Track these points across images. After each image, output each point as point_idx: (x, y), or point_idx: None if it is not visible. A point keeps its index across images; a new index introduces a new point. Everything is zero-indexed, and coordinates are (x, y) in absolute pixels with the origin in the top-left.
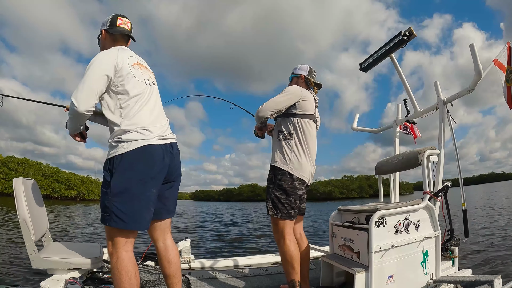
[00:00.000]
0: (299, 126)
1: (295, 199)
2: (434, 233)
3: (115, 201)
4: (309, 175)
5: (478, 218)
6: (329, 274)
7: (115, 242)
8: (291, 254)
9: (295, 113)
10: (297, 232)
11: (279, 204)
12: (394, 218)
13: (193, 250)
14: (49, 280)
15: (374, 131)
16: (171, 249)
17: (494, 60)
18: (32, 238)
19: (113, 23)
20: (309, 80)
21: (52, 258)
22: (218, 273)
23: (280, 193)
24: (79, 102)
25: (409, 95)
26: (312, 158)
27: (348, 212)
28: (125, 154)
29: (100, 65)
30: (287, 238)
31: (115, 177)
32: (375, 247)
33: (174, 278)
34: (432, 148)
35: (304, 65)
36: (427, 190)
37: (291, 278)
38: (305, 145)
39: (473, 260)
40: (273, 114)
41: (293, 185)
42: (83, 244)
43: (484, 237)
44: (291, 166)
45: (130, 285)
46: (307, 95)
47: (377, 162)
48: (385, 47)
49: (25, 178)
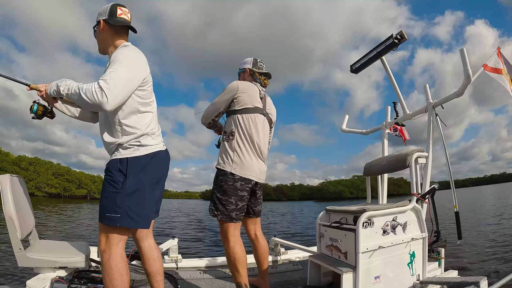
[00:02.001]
0: (239, 123)
1: (236, 200)
2: (421, 234)
3: (129, 201)
4: (256, 173)
5: (485, 220)
6: (316, 274)
7: (109, 240)
8: (235, 256)
9: (234, 110)
10: (252, 232)
11: (219, 206)
12: (381, 219)
13: (195, 250)
14: (35, 279)
15: (363, 133)
16: (155, 248)
17: (484, 65)
18: (18, 236)
19: (113, 13)
20: (254, 71)
21: (38, 257)
22: (205, 273)
23: (221, 194)
24: (112, 98)
25: (399, 97)
26: (259, 154)
27: (336, 212)
28: (140, 157)
29: (139, 65)
30: (231, 240)
31: (130, 178)
32: (363, 247)
33: (160, 276)
34: (420, 151)
35: (248, 58)
36: (414, 192)
37: (237, 280)
38: (249, 142)
39: (459, 262)
40: (214, 118)
41: (234, 186)
42: (70, 243)
43: (473, 238)
44: (234, 166)
45: (122, 282)
46: (247, 87)
47: (366, 163)
48: (376, 49)
49: (11, 175)
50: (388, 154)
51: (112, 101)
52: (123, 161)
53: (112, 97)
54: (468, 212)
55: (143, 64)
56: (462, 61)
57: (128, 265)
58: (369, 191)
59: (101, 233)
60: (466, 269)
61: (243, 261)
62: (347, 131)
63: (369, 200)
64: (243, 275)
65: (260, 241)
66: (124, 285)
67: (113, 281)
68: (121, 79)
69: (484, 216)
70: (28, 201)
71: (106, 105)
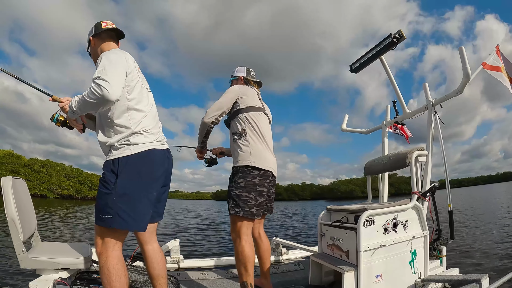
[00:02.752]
0: (249, 119)
1: (255, 196)
2: (422, 232)
3: (120, 202)
4: (273, 164)
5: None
6: (318, 274)
7: (105, 242)
8: (245, 255)
9: (240, 109)
10: (256, 231)
11: (240, 202)
12: (382, 217)
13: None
14: (38, 281)
15: (363, 132)
16: (158, 251)
17: (483, 63)
18: (20, 238)
19: (98, 27)
20: (248, 79)
21: (40, 258)
22: (207, 274)
23: (240, 191)
24: (109, 85)
25: (398, 96)
26: (270, 148)
27: (337, 211)
28: (131, 156)
29: (121, 59)
30: (243, 238)
31: (120, 178)
32: (364, 246)
33: (163, 278)
34: (420, 149)
35: (241, 67)
36: (415, 190)
37: (243, 279)
38: (261, 136)
39: (461, 259)
40: (218, 117)
41: (252, 182)
42: (72, 244)
43: (474, 236)
44: (253, 160)
45: (120, 284)
46: (247, 90)
47: (366, 163)
48: (375, 49)
49: (13, 177)
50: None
51: (111, 87)
52: (115, 162)
53: (109, 84)
54: (474, 210)
55: (122, 55)
56: (461, 59)
57: (130, 266)
58: (369, 190)
59: (97, 235)
60: (468, 267)
61: (252, 260)
62: (348, 130)
63: (369, 199)
64: (250, 274)
65: (263, 240)
66: (122, 286)
67: (111, 283)
68: (107, 66)
69: (493, 214)
70: (30, 203)
71: (109, 94)
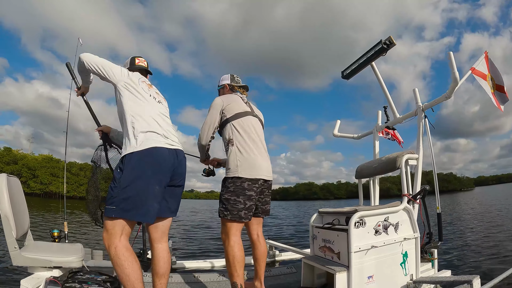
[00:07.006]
0: (236, 127)
1: (244, 200)
2: (413, 234)
3: (123, 193)
4: (263, 170)
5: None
6: (310, 276)
7: (111, 233)
8: (234, 256)
9: (227, 119)
10: (254, 233)
11: (228, 206)
12: (373, 219)
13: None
14: (29, 279)
15: (354, 137)
16: (167, 252)
17: (472, 69)
18: (13, 235)
19: (132, 62)
20: (233, 86)
21: (33, 256)
22: (200, 276)
23: (229, 195)
24: (85, 54)
25: (389, 101)
26: (260, 151)
27: (328, 214)
28: (135, 153)
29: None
30: (232, 239)
31: (124, 172)
32: (355, 247)
33: (164, 279)
34: (411, 153)
35: (225, 75)
36: (405, 193)
37: (233, 280)
38: (250, 141)
39: (453, 261)
40: (212, 134)
41: (241, 186)
42: (65, 244)
43: (465, 238)
44: (240, 170)
45: (133, 269)
46: (229, 98)
47: (358, 166)
48: (366, 55)
49: (8, 175)
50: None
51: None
52: (123, 159)
53: (84, 54)
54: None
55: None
56: (449, 64)
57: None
58: (361, 194)
59: (105, 227)
60: (459, 269)
61: (241, 261)
62: (339, 135)
63: (361, 202)
64: (240, 275)
65: (261, 242)
66: (136, 271)
67: (125, 270)
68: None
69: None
70: (23, 202)
71: (82, 55)
